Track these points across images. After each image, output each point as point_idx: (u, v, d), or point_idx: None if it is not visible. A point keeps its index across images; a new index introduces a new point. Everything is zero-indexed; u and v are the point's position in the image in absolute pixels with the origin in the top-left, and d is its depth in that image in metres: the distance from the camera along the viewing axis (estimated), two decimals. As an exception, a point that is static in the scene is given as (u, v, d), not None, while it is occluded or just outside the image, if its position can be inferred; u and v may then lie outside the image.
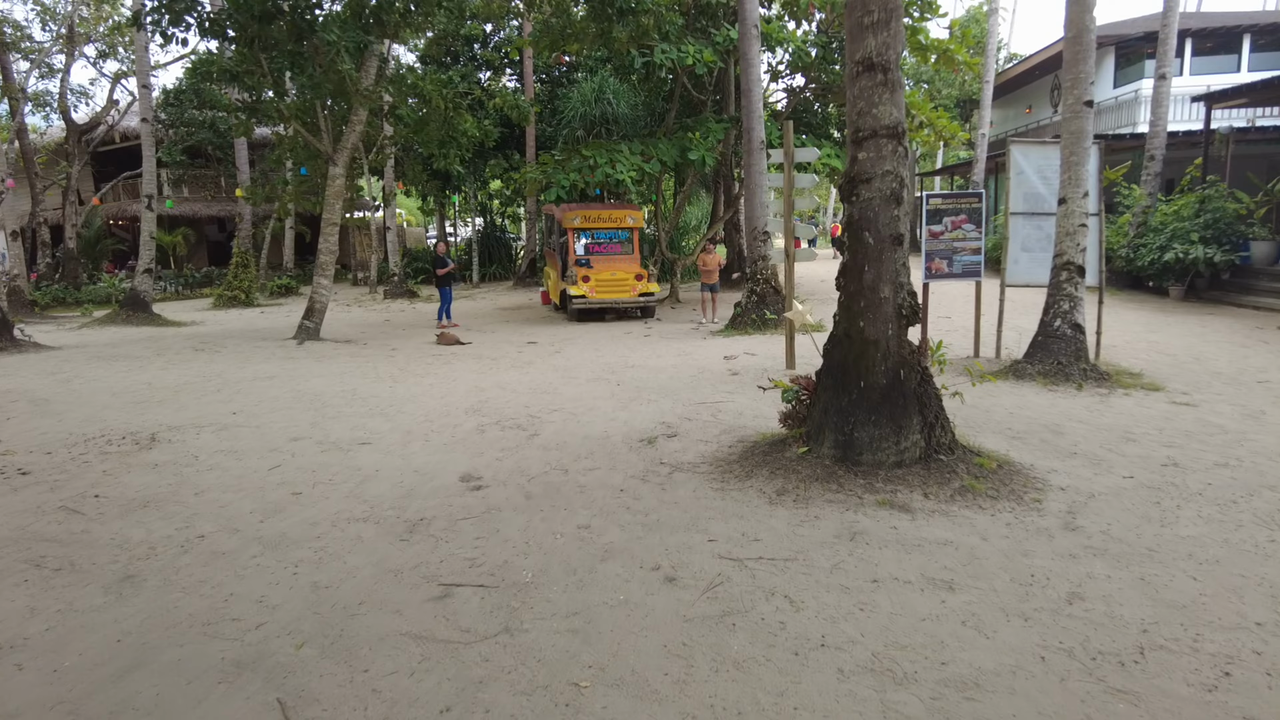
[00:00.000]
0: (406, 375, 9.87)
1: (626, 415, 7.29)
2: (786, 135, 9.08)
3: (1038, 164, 9.59)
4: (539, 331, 14.52)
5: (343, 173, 13.90)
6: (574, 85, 23.99)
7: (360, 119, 13.65)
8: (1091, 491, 4.86)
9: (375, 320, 17.89)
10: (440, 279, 15.75)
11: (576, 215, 16.50)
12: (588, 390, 8.62)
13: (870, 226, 4.88)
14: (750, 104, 13.11)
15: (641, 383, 9.00)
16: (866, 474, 4.84)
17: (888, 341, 4.94)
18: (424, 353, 12.03)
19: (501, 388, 8.83)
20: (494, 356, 11.44)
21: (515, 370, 10.13)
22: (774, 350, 11.08)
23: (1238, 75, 23.32)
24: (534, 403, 7.95)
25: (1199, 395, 7.64)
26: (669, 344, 12.37)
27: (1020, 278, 9.71)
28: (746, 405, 7.53)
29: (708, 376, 9.29)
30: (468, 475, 5.51)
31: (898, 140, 4.82)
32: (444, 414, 7.51)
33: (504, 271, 29.09)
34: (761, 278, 13.36)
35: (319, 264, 14.14)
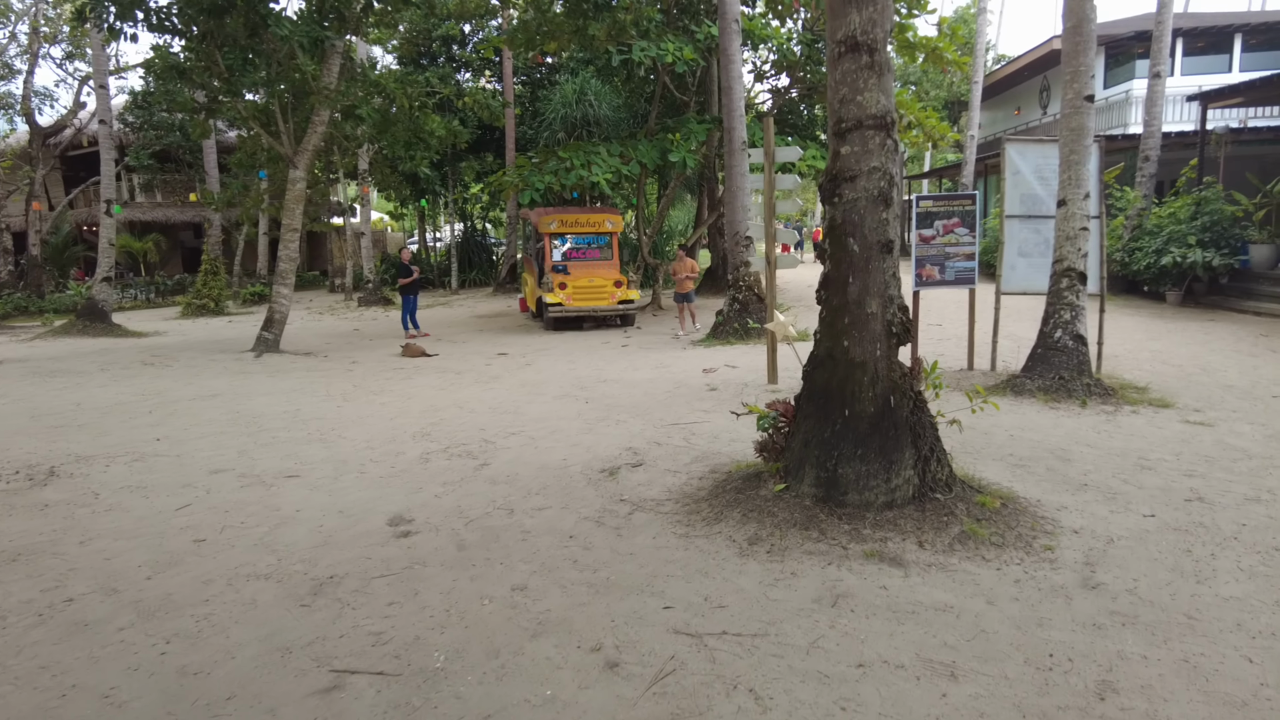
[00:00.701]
0: (359, 393, 9.16)
1: (591, 440, 6.61)
2: (767, 133, 8.45)
3: (1035, 163, 8.99)
4: (512, 341, 13.84)
5: (304, 176, 13.17)
6: (555, 87, 23.35)
7: (322, 120, 12.93)
8: (1110, 535, 4.22)
9: (344, 330, 17.16)
10: (404, 287, 15.04)
11: (553, 219, 15.83)
12: (553, 409, 7.94)
13: (855, 231, 4.24)
14: (731, 102, 12.49)
15: (613, 400, 8.33)
16: (852, 517, 4.18)
17: (876, 363, 4.29)
18: (385, 366, 11.33)
19: (459, 407, 8.14)
20: (459, 370, 10.75)
21: (478, 386, 9.43)
22: (756, 362, 10.43)
23: (1229, 75, 22.89)
24: (492, 425, 7.26)
25: (1213, 413, 7.03)
26: (647, 355, 11.71)
27: (1017, 285, 9.10)
28: (723, 427, 6.87)
29: (684, 392, 8.64)
30: (398, 517, 4.82)
31: (886, 132, 4.17)
32: (389, 439, 6.82)
33: (484, 278, 28.37)
34: (744, 285, 12.72)
35: (279, 272, 13.42)
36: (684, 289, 14.06)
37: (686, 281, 14.03)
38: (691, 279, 14.05)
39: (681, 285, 14.07)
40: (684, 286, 14.06)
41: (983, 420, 6.63)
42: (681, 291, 14.08)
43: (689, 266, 14.10)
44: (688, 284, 14.04)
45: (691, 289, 14.11)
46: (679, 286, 14.10)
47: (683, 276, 14.04)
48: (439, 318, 18.86)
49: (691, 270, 14.04)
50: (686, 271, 14.03)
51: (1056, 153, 8.95)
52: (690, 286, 14.05)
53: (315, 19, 11.30)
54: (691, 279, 14.05)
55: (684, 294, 14.05)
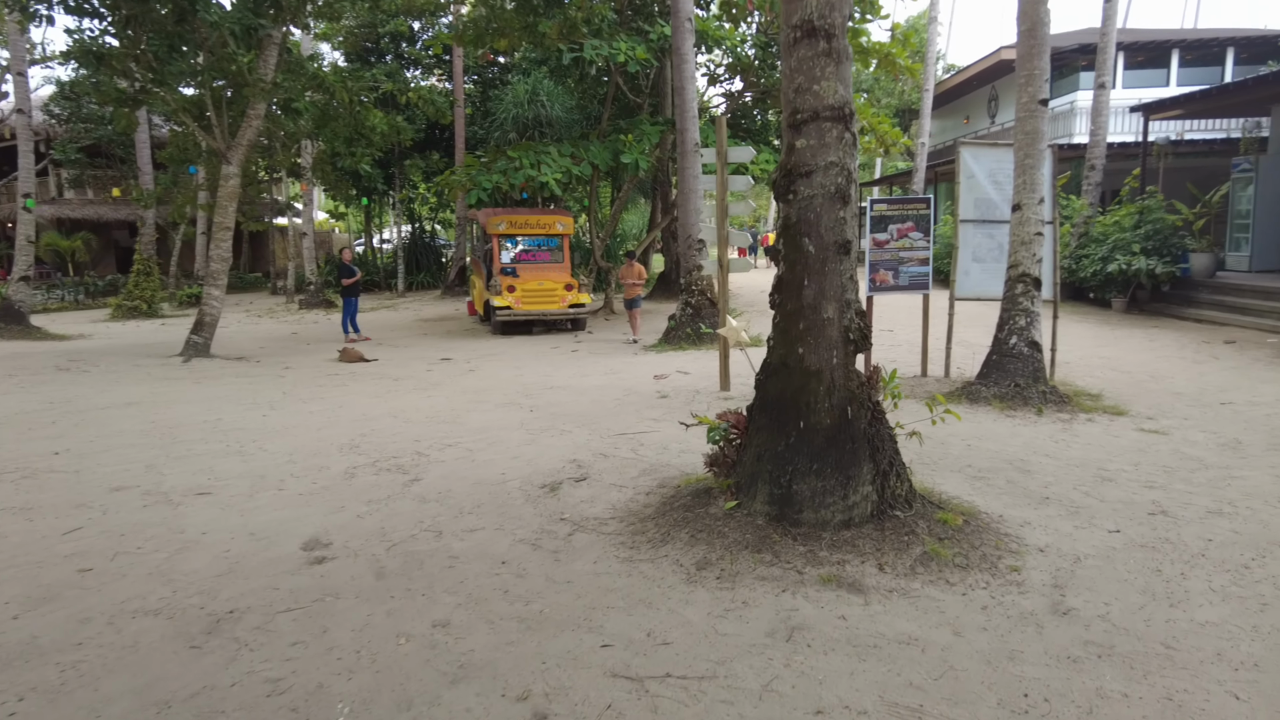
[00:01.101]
0: (288, 401, 8.62)
1: (533, 451, 6.22)
2: (720, 134, 8.18)
3: (989, 167, 8.89)
4: (457, 346, 13.35)
5: (238, 172, 12.51)
6: (507, 87, 22.89)
7: (258, 113, 12.30)
8: (1076, 554, 3.99)
9: (282, 333, 16.43)
10: (346, 289, 14.44)
11: (502, 220, 15.38)
12: (496, 418, 7.53)
13: (811, 231, 3.95)
14: (684, 103, 12.22)
15: (559, 408, 7.95)
16: (808, 537, 3.89)
17: (832, 372, 4.01)
18: (320, 372, 10.76)
19: (394, 416, 7.68)
20: (398, 376, 10.25)
21: (418, 393, 8.96)
22: (709, 368, 10.15)
23: (1167, 89, 23.50)
24: (428, 436, 6.82)
25: (1166, 420, 6.95)
26: (597, 361, 11.35)
27: (971, 290, 8.99)
28: (673, 436, 6.55)
29: (634, 400, 8.30)
30: (314, 541, 4.37)
31: (844, 125, 3.90)
32: (314, 452, 6.33)
33: (433, 280, 27.70)
34: (696, 289, 12.45)
35: (210, 272, 12.73)
36: (631, 294, 13.74)
37: (634, 287, 13.70)
38: (639, 285, 13.69)
39: (629, 291, 13.75)
40: (632, 292, 13.74)
41: (939, 429, 6.41)
42: (629, 297, 13.77)
43: (636, 272, 13.74)
44: (635, 289, 13.72)
45: (640, 294, 13.76)
46: (627, 292, 13.80)
47: (630, 282, 13.72)
48: (383, 321, 18.24)
49: (639, 276, 13.69)
50: (634, 277, 13.69)
51: (1011, 157, 8.86)
52: (638, 292, 13.71)
53: (248, 6, 10.70)
54: (639, 285, 13.69)
55: (631, 300, 13.73)
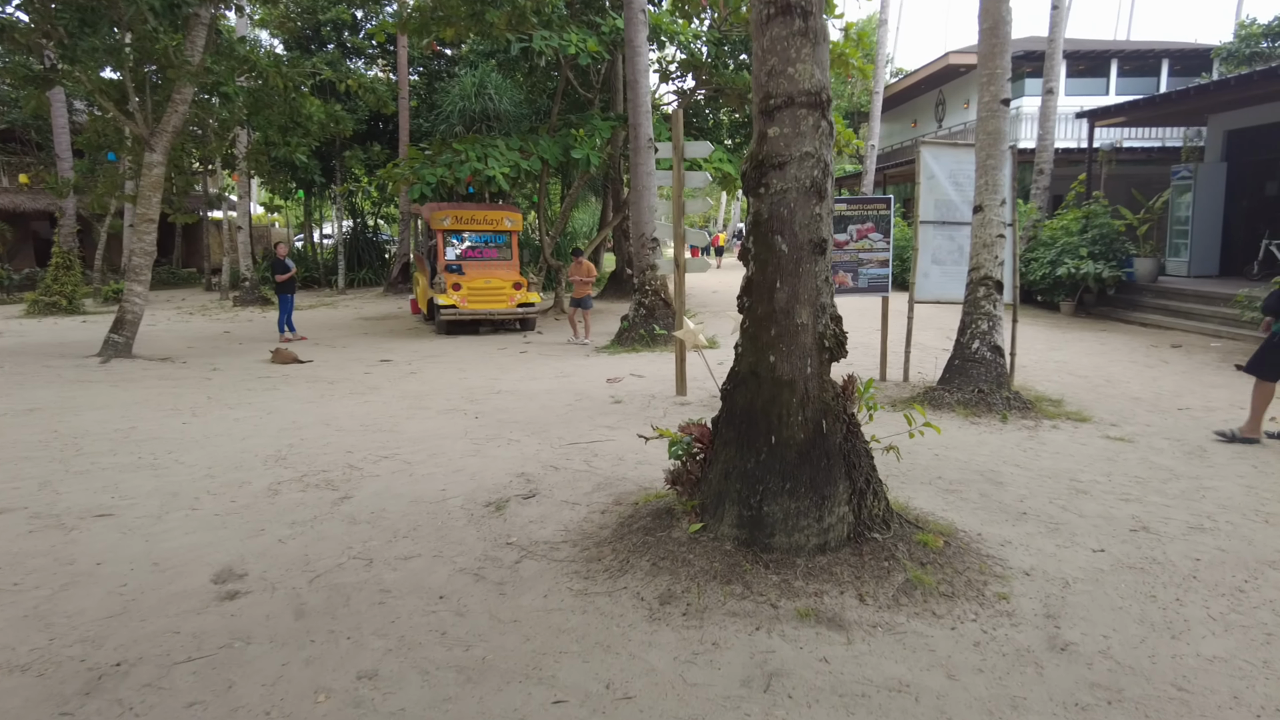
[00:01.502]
0: (212, 406, 7.97)
1: (478, 464, 5.77)
2: (676, 127, 7.81)
3: (949, 168, 8.72)
4: (398, 347, 12.74)
5: (162, 160, 11.69)
6: (454, 80, 22.23)
7: (184, 98, 11.50)
8: (1064, 577, 3.73)
9: (213, 332, 15.55)
10: (281, 285, 13.70)
11: (446, 215, 14.78)
12: (437, 426, 7.04)
13: (784, 228, 3.60)
14: (637, 97, 11.85)
15: (507, 414, 7.49)
16: (781, 564, 3.54)
17: (806, 382, 3.67)
18: (249, 375, 10.08)
19: (327, 424, 7.12)
20: (334, 379, 9.64)
21: (353, 399, 8.40)
22: (663, 371, 9.80)
23: (1106, 97, 24.04)
24: (362, 447, 6.30)
25: (1129, 427, 6.83)
26: (547, 363, 10.90)
27: (931, 293, 8.81)
28: (628, 446, 6.16)
29: (586, 405, 7.89)
30: (227, 571, 3.86)
31: (821, 112, 3.56)
32: (235, 465, 5.77)
33: (375, 277, 26.81)
34: (650, 289, 12.09)
35: (131, 267, 11.88)
36: (581, 294, 13.20)
37: (583, 286, 13.17)
38: (588, 284, 13.15)
39: (578, 290, 13.22)
40: (581, 291, 13.20)
41: (904, 438, 6.16)
42: (577, 297, 13.22)
43: (585, 270, 13.19)
44: (585, 289, 13.18)
45: (590, 294, 13.23)
46: (576, 291, 13.27)
47: (579, 280, 13.19)
48: (321, 320, 17.45)
49: (589, 274, 13.16)
50: (583, 275, 13.15)
51: (972, 157, 8.71)
52: (588, 291, 13.17)
53: (171, -19, 9.96)
54: (588, 284, 13.15)
55: (579, 300, 13.19)
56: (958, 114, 28.80)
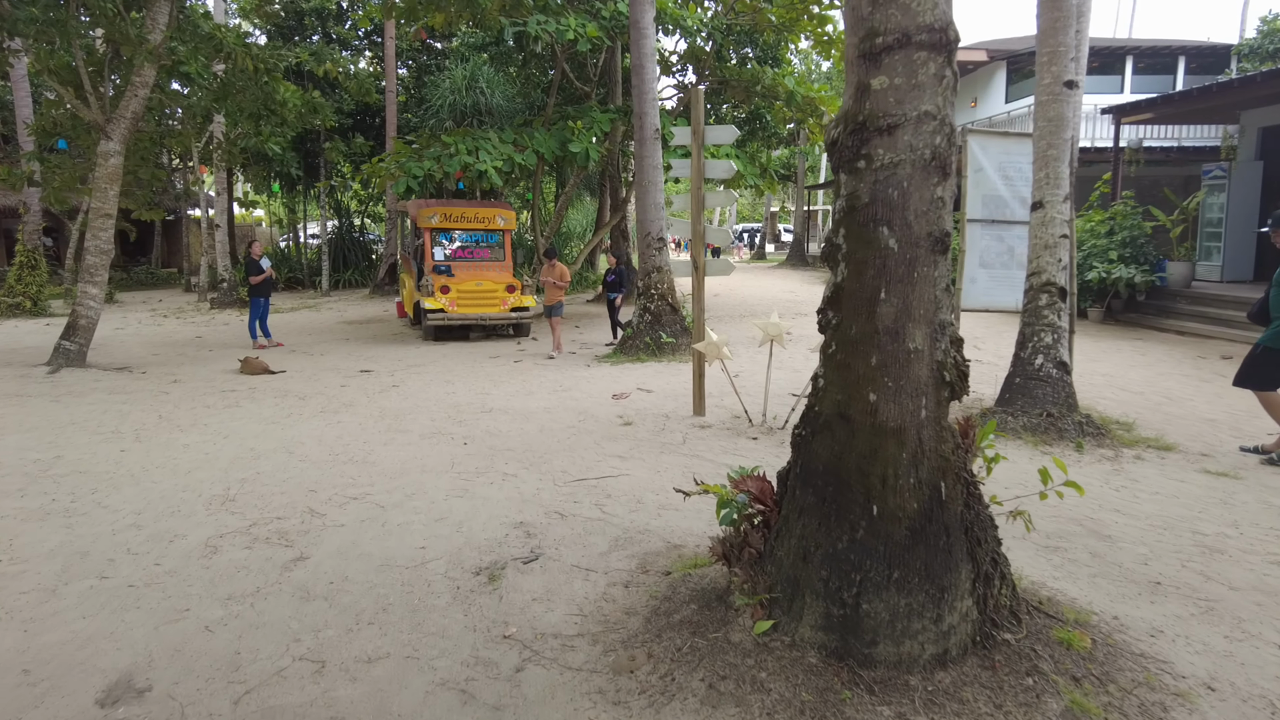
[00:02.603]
0: (160, 429, 6.91)
1: (465, 508, 4.74)
2: (695, 108, 6.81)
3: (998, 159, 7.75)
4: (381, 354, 11.68)
5: (120, 149, 10.60)
6: (443, 73, 21.20)
7: (144, 81, 10.43)
8: (1260, 691, 2.75)
9: (184, 337, 14.46)
10: (254, 287, 12.63)
11: (434, 213, 13.74)
12: (418, 455, 6.00)
13: (893, 217, 2.60)
14: (642, 83, 10.85)
15: (500, 439, 6.47)
16: (890, 687, 2.54)
17: (920, 430, 2.68)
18: (213, 387, 9.02)
19: (290, 452, 6.07)
20: (305, 393, 8.59)
21: (325, 418, 7.35)
22: (675, 385, 8.80)
23: (1121, 95, 23.24)
24: (328, 483, 5.27)
25: (1225, 459, 5.86)
26: (544, 374, 9.87)
27: (978, 300, 7.84)
28: (647, 484, 5.15)
29: (591, 427, 6.88)
30: (122, 684, 2.83)
31: (946, 57, 2.57)
32: (171, 509, 4.73)
33: (361, 278, 25.69)
34: (656, 293, 11.09)
35: (85, 267, 10.78)
36: (552, 299, 11.67)
37: (556, 290, 11.66)
38: (561, 289, 11.70)
39: (550, 295, 11.70)
40: (553, 296, 11.67)
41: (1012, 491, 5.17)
42: (549, 303, 11.69)
43: (558, 273, 11.70)
44: (557, 294, 11.68)
45: (562, 300, 11.82)
46: (547, 297, 11.77)
47: (550, 283, 11.66)
48: (301, 324, 16.37)
49: (561, 277, 11.68)
50: (555, 279, 11.65)
51: (1024, 147, 7.77)
52: (560, 297, 11.71)
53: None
54: (561, 289, 11.70)
55: (552, 306, 11.67)
56: (963, 113, 27.94)
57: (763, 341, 6.68)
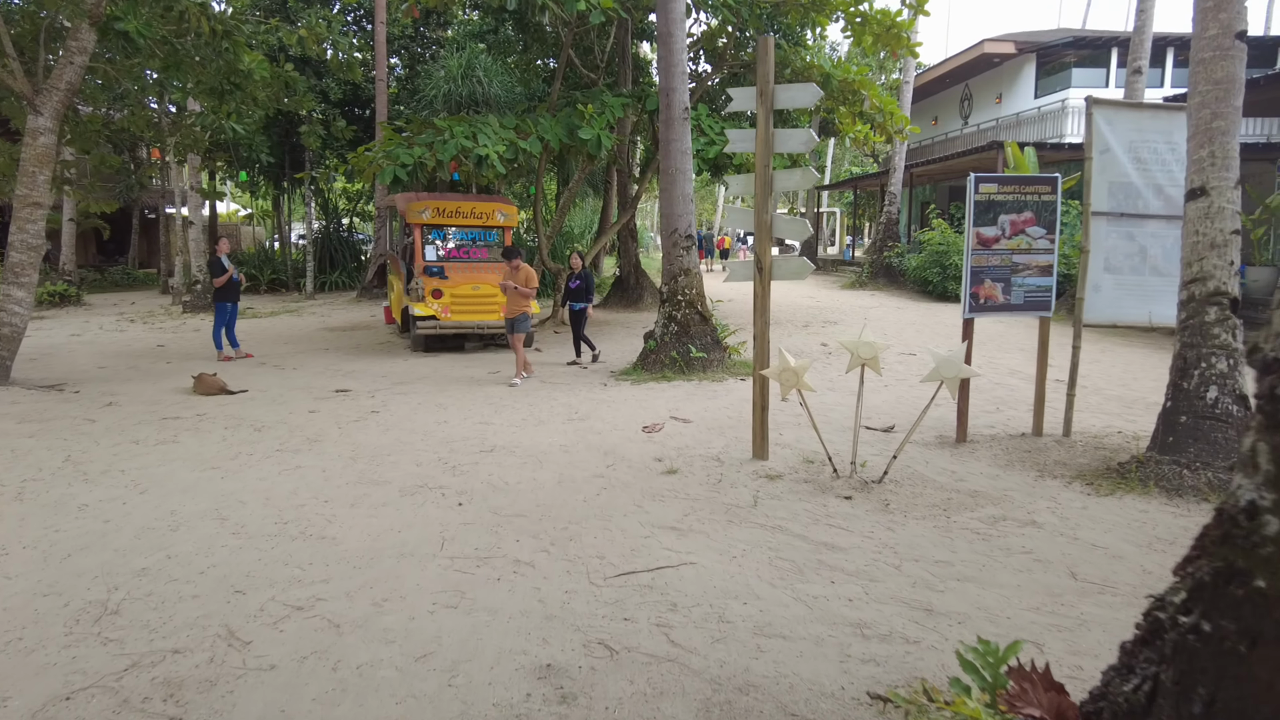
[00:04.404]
0: (63, 476, 5.29)
1: (462, 634, 3.14)
2: (763, 62, 5.23)
3: (1128, 137, 6.19)
4: (362, 369, 10.06)
5: (52, 127, 8.98)
6: (439, 63, 19.67)
7: (82, 47, 8.81)
8: None
9: (144, 346, 12.81)
10: (219, 291, 11.00)
11: (426, 207, 12.14)
12: (396, 524, 4.40)
13: None
14: (670, 53, 9.26)
15: (506, 495, 4.88)
16: None
17: None
18: (153, 412, 7.39)
19: (221, 518, 4.46)
20: (264, 423, 6.96)
21: (280, 460, 5.73)
22: (714, 412, 7.22)
23: (1162, 89, 21.82)
24: (263, 577, 3.67)
25: None
26: (554, 395, 8.28)
27: (1102, 313, 6.27)
28: (723, 577, 3.58)
29: (624, 476, 5.29)
30: None
31: None
32: (8, 634, 3.12)
33: (350, 280, 24.06)
34: (683, 299, 9.49)
35: (9, 266, 9.12)
36: (515, 311, 9.16)
37: (519, 301, 9.16)
38: (527, 298, 9.22)
39: (513, 305, 9.18)
40: (516, 307, 9.16)
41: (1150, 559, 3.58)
42: (511, 316, 9.21)
43: (524, 277, 9.21)
44: (521, 303, 9.17)
45: (528, 313, 9.29)
46: (507, 307, 9.29)
47: (513, 291, 9.13)
48: (279, 330, 14.73)
49: (528, 282, 9.21)
50: (521, 284, 9.16)
51: (1159, 123, 6.22)
52: (525, 309, 9.20)
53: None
54: (527, 298, 9.22)
55: (515, 319, 9.18)
56: (986, 110, 26.51)
57: (851, 365, 5.10)
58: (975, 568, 3.80)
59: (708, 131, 13.39)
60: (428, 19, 23.04)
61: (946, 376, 4.86)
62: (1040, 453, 5.89)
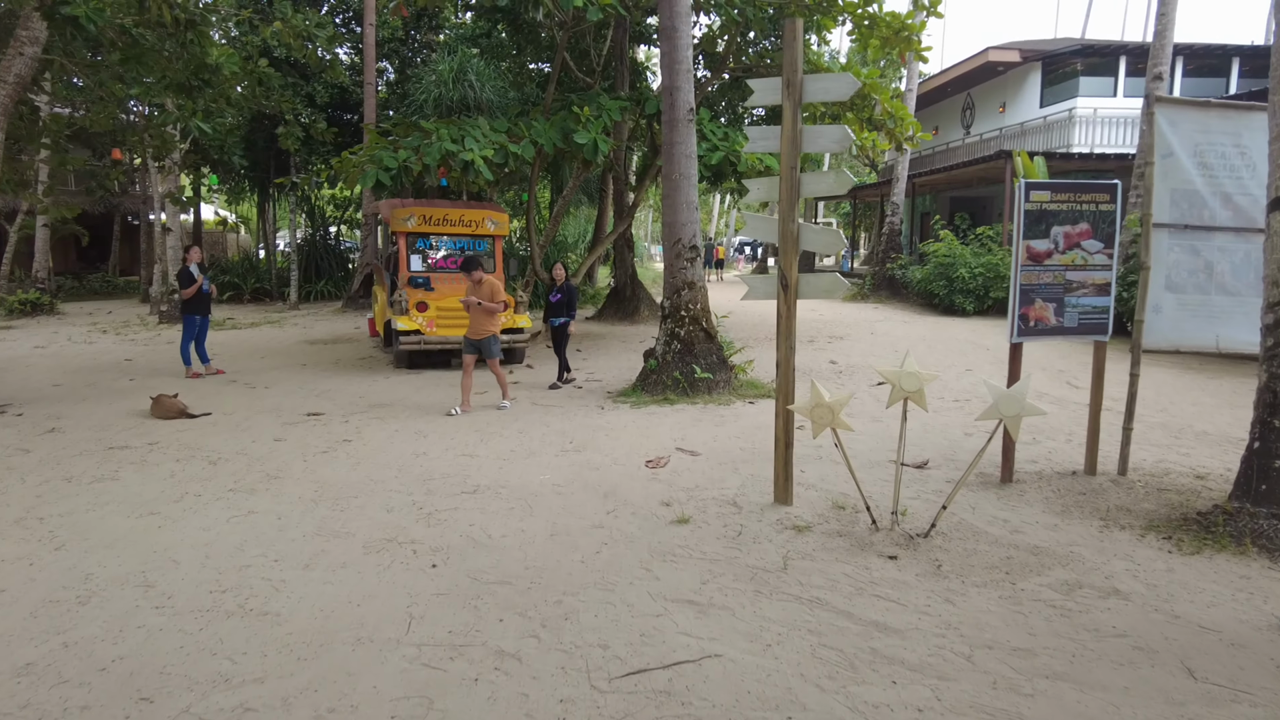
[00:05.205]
0: (-35, 526, 4.53)
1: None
2: (791, 45, 4.54)
3: (1193, 140, 5.52)
4: (340, 387, 9.30)
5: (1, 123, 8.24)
6: (429, 67, 19.02)
7: (33, 37, 8.09)
8: None
9: (110, 359, 12.03)
10: (186, 303, 10.23)
11: (411, 214, 11.42)
12: (355, 595, 3.66)
13: None
14: (674, 49, 8.58)
15: (489, 555, 4.14)
16: None
17: None
18: (98, 441, 6.62)
19: (146, 586, 3.70)
20: (220, 454, 6.19)
21: (231, 503, 4.97)
22: (724, 442, 6.49)
23: (1170, 99, 21.26)
24: (179, 674, 2.92)
25: None
26: (546, 420, 7.55)
27: (1164, 337, 5.59)
28: (756, 678, 2.85)
29: (628, 526, 4.55)
30: None
31: None
32: None
33: (336, 290, 23.29)
34: (687, 315, 8.78)
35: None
36: (481, 332, 7.93)
37: (485, 320, 7.93)
38: (494, 315, 7.98)
39: (476, 325, 7.96)
40: (482, 327, 7.93)
41: None
42: (476, 337, 7.96)
43: (489, 291, 7.92)
44: (488, 323, 7.94)
45: (495, 334, 8.01)
46: (471, 328, 8.00)
47: (477, 309, 7.89)
48: (258, 343, 13.97)
49: (494, 297, 7.92)
50: (487, 299, 7.90)
51: (1228, 124, 5.56)
52: (492, 330, 7.97)
53: None
54: (494, 315, 7.98)
55: (480, 341, 7.96)
56: (989, 119, 25.94)
57: (893, 399, 4.38)
58: (1064, 659, 3.09)
59: (709, 137, 12.72)
60: (419, 22, 22.39)
61: (1007, 415, 4.15)
62: (1098, 496, 5.18)
